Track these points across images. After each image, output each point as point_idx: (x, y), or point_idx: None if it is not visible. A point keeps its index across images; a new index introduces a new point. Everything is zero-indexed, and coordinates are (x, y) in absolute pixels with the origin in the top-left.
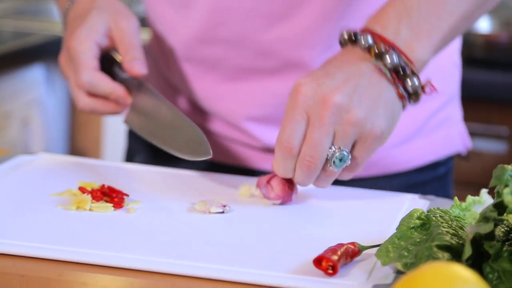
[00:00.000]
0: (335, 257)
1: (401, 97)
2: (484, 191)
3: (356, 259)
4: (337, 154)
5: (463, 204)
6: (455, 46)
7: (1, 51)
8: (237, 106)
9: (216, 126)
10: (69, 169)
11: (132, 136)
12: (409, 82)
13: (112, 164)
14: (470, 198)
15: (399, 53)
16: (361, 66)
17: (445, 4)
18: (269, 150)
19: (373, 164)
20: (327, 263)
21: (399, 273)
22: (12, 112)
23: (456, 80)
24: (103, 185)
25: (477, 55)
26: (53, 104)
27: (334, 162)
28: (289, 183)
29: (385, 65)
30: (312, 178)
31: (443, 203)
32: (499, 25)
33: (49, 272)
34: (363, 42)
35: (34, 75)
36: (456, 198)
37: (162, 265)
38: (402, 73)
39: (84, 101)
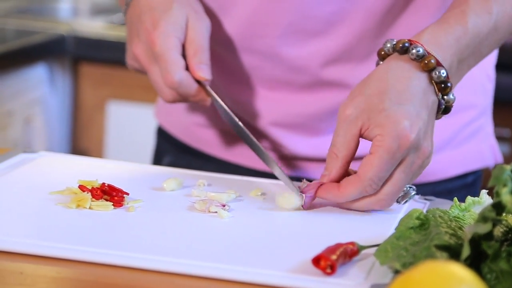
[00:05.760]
0: (333, 257)
1: None
2: (484, 192)
3: (354, 258)
4: (412, 194)
5: (463, 205)
6: (490, 59)
7: (4, 50)
8: (266, 113)
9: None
10: (69, 168)
11: (161, 136)
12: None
13: (112, 163)
14: (469, 198)
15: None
16: (429, 96)
17: (484, 47)
18: (296, 158)
19: None
20: (325, 263)
21: (397, 273)
22: (14, 111)
23: (489, 93)
24: (103, 184)
25: None
26: (56, 104)
27: (406, 201)
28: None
29: (446, 101)
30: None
31: (443, 204)
32: None
33: (48, 269)
34: (426, 62)
35: (37, 74)
36: (455, 198)
37: (161, 264)
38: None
39: (170, 98)
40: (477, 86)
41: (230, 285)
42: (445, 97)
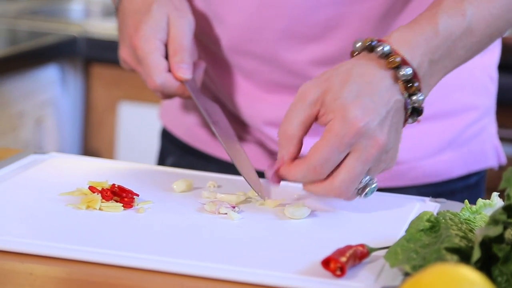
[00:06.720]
0: (343, 259)
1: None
2: (495, 194)
3: (364, 261)
4: (373, 186)
5: (473, 207)
6: (493, 60)
7: (16, 51)
8: (263, 115)
9: (249, 134)
10: (79, 169)
11: (165, 137)
12: (415, 116)
13: (122, 164)
14: (480, 201)
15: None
16: (392, 94)
17: (459, 50)
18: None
19: (402, 175)
20: (335, 265)
21: (407, 275)
22: (26, 112)
23: (491, 94)
24: (113, 185)
25: None
26: (67, 105)
27: (366, 193)
28: None
29: (413, 101)
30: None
31: (454, 206)
32: None
33: (58, 271)
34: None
35: (49, 75)
36: (466, 201)
37: (171, 265)
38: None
39: (160, 96)
40: (479, 87)
41: (240, 286)
42: (413, 97)
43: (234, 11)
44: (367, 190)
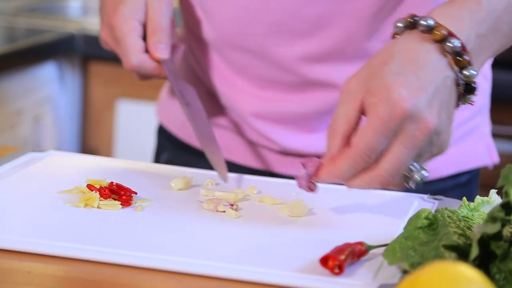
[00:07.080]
0: (341, 257)
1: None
2: (493, 191)
3: (363, 258)
4: (422, 173)
5: (472, 204)
6: None
7: (14, 48)
8: (254, 110)
9: (237, 127)
10: (78, 167)
11: (161, 134)
12: (470, 95)
13: (121, 162)
14: (478, 198)
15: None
16: (440, 70)
17: (504, 26)
18: (287, 153)
19: None
20: (333, 263)
21: (405, 273)
22: (24, 109)
23: (485, 93)
24: (111, 183)
25: None
26: (65, 102)
27: (416, 182)
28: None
29: (465, 76)
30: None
31: (452, 203)
32: None
33: (56, 269)
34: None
35: (47, 73)
36: (464, 198)
37: (169, 263)
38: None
39: (137, 77)
40: None
41: (238, 285)
42: (464, 72)
43: (225, 4)
44: (417, 178)
